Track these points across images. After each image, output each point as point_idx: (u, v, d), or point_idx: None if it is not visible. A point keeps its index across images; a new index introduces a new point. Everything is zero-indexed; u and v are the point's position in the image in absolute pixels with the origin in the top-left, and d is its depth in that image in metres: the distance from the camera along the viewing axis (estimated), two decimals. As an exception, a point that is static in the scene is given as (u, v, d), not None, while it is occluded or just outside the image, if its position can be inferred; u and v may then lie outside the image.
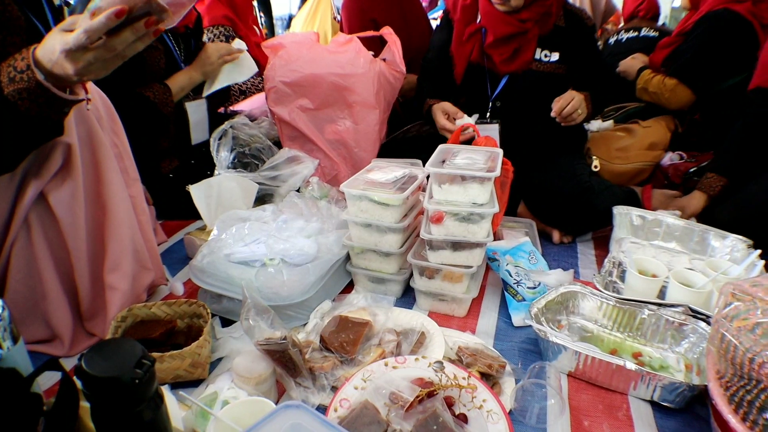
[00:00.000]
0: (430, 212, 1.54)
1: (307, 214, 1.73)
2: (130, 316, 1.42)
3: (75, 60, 1.03)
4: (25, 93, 1.08)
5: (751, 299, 1.10)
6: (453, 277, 1.57)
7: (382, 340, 1.37)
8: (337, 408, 1.16)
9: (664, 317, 1.45)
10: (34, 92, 1.08)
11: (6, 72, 1.08)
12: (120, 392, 0.83)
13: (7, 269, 1.34)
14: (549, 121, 2.10)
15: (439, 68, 2.31)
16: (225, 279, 1.52)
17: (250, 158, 2.22)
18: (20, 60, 1.08)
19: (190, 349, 1.27)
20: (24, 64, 1.07)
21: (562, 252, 2.08)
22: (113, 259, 1.41)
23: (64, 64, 1.04)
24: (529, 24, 2.02)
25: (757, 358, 1.01)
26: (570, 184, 2.04)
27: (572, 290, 1.57)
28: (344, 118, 2.17)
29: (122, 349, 0.86)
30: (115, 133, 1.43)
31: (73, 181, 1.31)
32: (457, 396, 1.20)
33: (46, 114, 1.14)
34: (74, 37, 1.00)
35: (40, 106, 1.11)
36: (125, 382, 0.82)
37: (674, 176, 2.55)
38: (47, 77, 1.08)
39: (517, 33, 2.04)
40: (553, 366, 1.32)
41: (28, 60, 1.07)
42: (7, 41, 1.22)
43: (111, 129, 1.42)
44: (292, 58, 2.15)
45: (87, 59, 1.04)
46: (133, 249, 1.47)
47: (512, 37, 2.06)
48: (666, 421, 1.26)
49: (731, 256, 1.78)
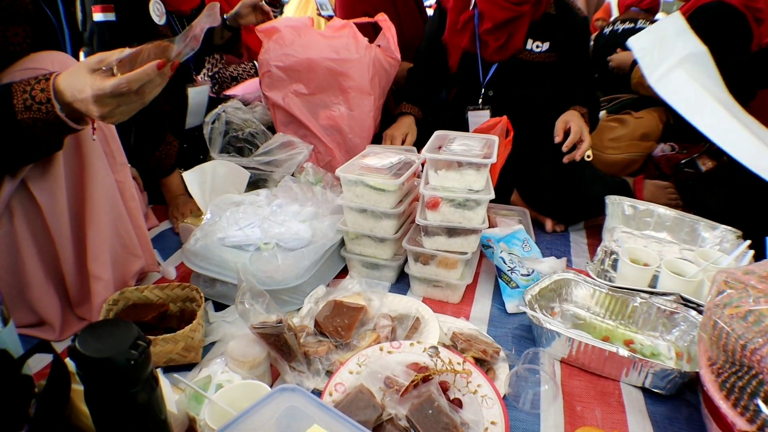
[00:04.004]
0: (426, 198, 1.54)
1: (302, 198, 1.72)
2: (122, 299, 1.41)
3: (103, 105, 1.05)
4: (41, 123, 1.08)
5: (744, 287, 1.11)
6: (448, 263, 1.57)
7: (377, 325, 1.37)
8: (332, 392, 1.16)
9: (656, 305, 1.47)
10: (50, 123, 1.09)
11: (22, 98, 1.07)
12: (114, 374, 0.81)
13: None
14: (541, 110, 2.10)
15: (429, 61, 2.31)
16: (218, 263, 1.51)
17: (243, 143, 2.21)
18: (39, 90, 1.07)
19: (183, 333, 1.26)
20: (44, 96, 1.07)
21: (554, 240, 2.09)
22: (94, 247, 1.39)
23: (90, 107, 1.05)
24: (525, 7, 2.01)
25: (749, 344, 1.02)
26: (563, 173, 2.05)
27: (566, 278, 1.58)
28: (339, 103, 2.16)
29: (117, 330, 0.85)
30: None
31: (53, 166, 1.29)
32: (452, 381, 1.20)
33: (55, 138, 1.15)
34: (113, 84, 1.02)
35: (52, 132, 1.12)
36: (120, 363, 0.80)
37: (666, 167, 2.56)
38: (63, 107, 1.08)
39: (513, 18, 2.03)
40: (546, 352, 1.33)
41: (49, 93, 1.07)
42: (9, 32, 1.21)
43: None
44: (287, 43, 2.13)
45: (115, 104, 1.06)
46: (116, 236, 1.45)
47: (508, 22, 2.05)
48: (657, 407, 1.27)
49: (721, 247, 1.79)
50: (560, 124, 2.03)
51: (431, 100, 2.38)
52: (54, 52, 1.28)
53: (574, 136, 1.97)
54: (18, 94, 1.08)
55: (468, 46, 2.17)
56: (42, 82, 1.08)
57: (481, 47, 2.16)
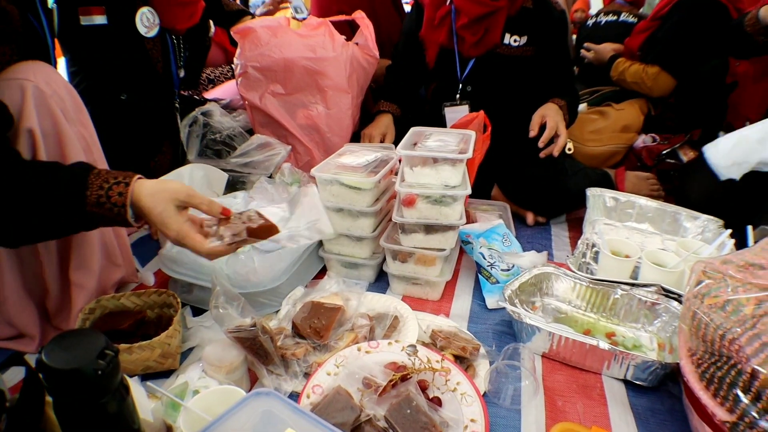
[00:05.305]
0: (402, 195, 1.53)
1: (278, 199, 1.70)
2: (98, 307, 1.39)
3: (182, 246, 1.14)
4: (106, 220, 1.11)
5: (722, 277, 1.10)
6: (426, 260, 1.56)
7: (355, 325, 1.35)
8: (310, 394, 1.15)
9: (637, 297, 1.46)
10: (115, 221, 1.12)
11: (96, 193, 1.09)
12: (82, 384, 0.80)
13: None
14: (520, 104, 2.09)
15: (407, 57, 2.30)
16: (195, 267, 1.49)
17: (221, 145, 2.18)
18: (116, 194, 1.09)
19: (160, 340, 1.24)
20: (120, 201, 1.09)
21: (536, 234, 2.08)
22: (80, 255, 1.37)
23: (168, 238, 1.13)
24: (501, 2, 2.00)
25: (728, 334, 1.01)
26: (543, 166, 2.04)
27: (546, 272, 1.57)
28: (316, 102, 2.14)
29: (84, 340, 0.84)
30: (82, 124, 1.38)
31: None
32: (430, 379, 1.19)
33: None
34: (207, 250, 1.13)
35: (109, 225, 1.15)
36: (87, 373, 0.79)
37: (647, 158, 2.57)
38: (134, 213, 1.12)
39: (490, 12, 2.02)
40: (527, 347, 1.32)
41: (125, 199, 1.09)
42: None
43: (77, 120, 1.36)
44: (263, 43, 2.11)
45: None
46: (102, 244, 1.43)
47: (485, 17, 2.04)
48: (639, 399, 1.27)
49: (703, 236, 1.80)
50: (536, 118, 2.02)
51: (410, 97, 2.36)
52: (36, 63, 1.26)
53: (549, 132, 1.96)
54: (93, 188, 1.09)
55: (445, 41, 2.16)
56: (121, 186, 1.10)
57: (458, 43, 2.15)
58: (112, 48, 1.84)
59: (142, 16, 1.85)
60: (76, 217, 1.10)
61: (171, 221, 1.10)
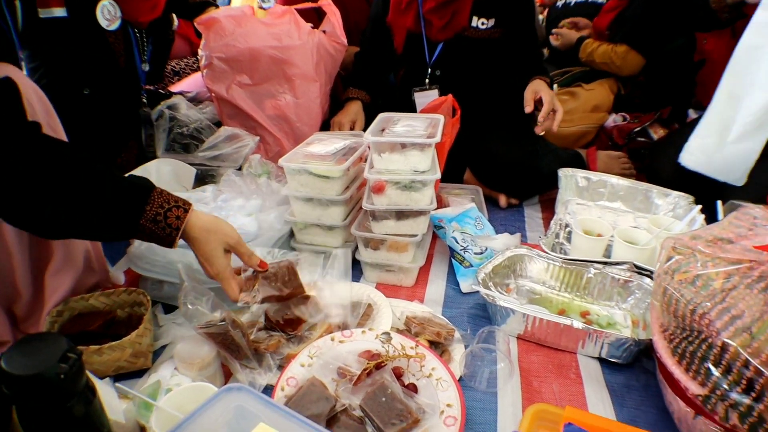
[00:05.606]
0: (371, 182, 1.51)
1: (246, 191, 1.68)
2: (66, 310, 1.35)
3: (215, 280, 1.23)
4: (152, 236, 1.14)
5: (692, 252, 1.11)
6: (398, 246, 1.55)
7: (328, 315, 1.34)
8: (284, 387, 1.14)
9: (610, 275, 1.47)
10: (161, 239, 1.15)
11: (154, 210, 1.12)
12: (45, 389, 0.78)
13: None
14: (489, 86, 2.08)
15: (375, 43, 2.28)
16: (164, 264, 1.46)
17: (189, 139, 2.15)
18: (174, 217, 1.14)
19: (130, 339, 1.22)
20: (175, 224, 1.14)
21: (509, 216, 2.08)
22: (59, 260, 1.33)
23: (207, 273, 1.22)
24: None
25: (698, 309, 1.02)
26: (514, 148, 2.04)
27: (519, 253, 1.57)
28: (284, 92, 2.11)
29: (45, 345, 0.82)
30: (51, 128, 1.34)
31: None
32: (405, 366, 1.18)
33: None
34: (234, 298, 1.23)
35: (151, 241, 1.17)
36: (50, 378, 0.77)
37: (618, 137, 2.58)
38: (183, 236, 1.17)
39: None
40: (501, 330, 1.32)
41: (181, 224, 1.14)
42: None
43: (47, 124, 1.32)
44: (227, 33, 2.07)
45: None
46: (84, 249, 1.40)
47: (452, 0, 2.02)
48: (614, 376, 1.27)
49: (674, 213, 1.81)
50: (529, 94, 2.00)
51: (379, 83, 2.34)
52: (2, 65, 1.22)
53: (548, 106, 1.94)
54: (154, 205, 1.12)
55: (412, 26, 2.14)
56: (180, 210, 1.15)
57: (426, 27, 2.13)
58: (73, 42, 1.79)
59: (102, 8, 1.80)
60: (126, 225, 1.11)
61: (217, 262, 1.19)
